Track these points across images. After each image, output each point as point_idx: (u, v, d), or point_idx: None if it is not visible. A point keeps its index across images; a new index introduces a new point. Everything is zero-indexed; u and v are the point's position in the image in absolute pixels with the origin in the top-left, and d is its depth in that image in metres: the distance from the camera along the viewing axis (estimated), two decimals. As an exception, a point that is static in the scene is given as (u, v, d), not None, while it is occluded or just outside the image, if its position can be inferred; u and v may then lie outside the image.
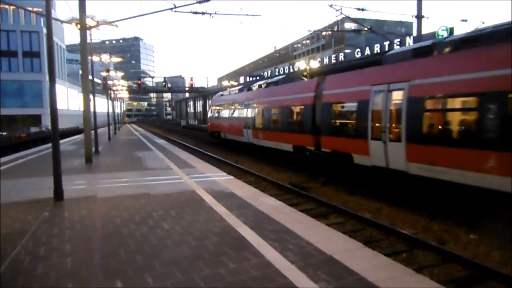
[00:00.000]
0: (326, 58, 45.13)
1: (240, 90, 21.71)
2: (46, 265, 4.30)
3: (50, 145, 17.16)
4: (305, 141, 13.07)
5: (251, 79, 61.70)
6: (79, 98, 63.91)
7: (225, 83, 59.57)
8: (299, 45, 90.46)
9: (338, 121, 10.89)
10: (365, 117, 9.50)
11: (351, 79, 10.57)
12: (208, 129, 26.48)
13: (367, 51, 38.02)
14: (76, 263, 4.34)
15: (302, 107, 13.25)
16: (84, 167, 11.52)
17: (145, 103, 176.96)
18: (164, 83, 61.41)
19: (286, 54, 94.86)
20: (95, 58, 25.57)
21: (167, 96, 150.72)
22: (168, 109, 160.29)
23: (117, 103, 45.88)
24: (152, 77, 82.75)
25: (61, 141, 23.19)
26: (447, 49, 8.09)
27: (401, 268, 4.09)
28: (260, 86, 18.77)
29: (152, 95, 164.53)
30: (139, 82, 62.43)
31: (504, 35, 7.01)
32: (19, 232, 5.37)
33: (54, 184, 7.22)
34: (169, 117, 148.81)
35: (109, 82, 38.99)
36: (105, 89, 33.44)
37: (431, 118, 7.90)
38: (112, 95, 38.59)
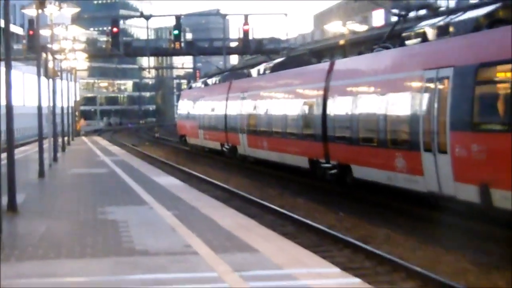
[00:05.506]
0: None
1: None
2: None
3: None
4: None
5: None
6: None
7: (332, 27, 35.44)
8: None
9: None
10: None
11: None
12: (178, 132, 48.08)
13: None
14: None
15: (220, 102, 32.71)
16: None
17: (129, 83, 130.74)
18: (176, 31, 40.84)
19: None
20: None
21: (185, 62, 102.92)
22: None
23: (63, 84, 36.26)
24: (146, 17, 53.86)
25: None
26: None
27: None
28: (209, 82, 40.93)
29: (146, 62, 75.92)
30: (114, 30, 45.73)
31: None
32: None
33: None
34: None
35: (44, 34, 28.40)
36: (34, 50, 24.93)
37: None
38: (52, 65, 27.65)
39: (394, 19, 34.52)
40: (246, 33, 42.12)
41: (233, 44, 48.33)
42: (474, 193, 11.25)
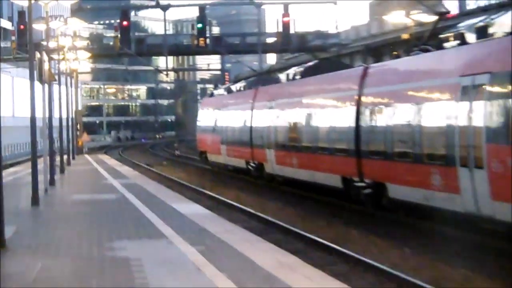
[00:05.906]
0: None
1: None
2: None
3: None
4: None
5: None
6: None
7: (393, 17, 32.16)
8: None
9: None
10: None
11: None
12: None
13: None
14: None
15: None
16: None
17: (142, 89, 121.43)
18: (200, 25, 38.56)
19: None
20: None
21: (211, 62, 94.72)
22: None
23: (61, 90, 34.45)
24: (163, 8, 49.70)
25: None
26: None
27: None
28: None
29: (164, 63, 72.62)
30: (123, 23, 43.17)
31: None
32: None
33: None
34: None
35: (38, 28, 26.70)
36: (26, 49, 24.77)
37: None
38: (48, 67, 25.74)
39: (470, 6, 32.78)
40: (286, 26, 39.46)
41: (270, 40, 45.96)
42: (509, 213, 11.46)
